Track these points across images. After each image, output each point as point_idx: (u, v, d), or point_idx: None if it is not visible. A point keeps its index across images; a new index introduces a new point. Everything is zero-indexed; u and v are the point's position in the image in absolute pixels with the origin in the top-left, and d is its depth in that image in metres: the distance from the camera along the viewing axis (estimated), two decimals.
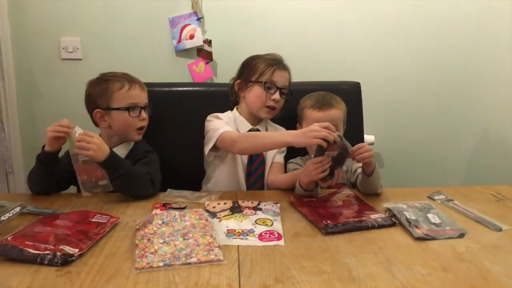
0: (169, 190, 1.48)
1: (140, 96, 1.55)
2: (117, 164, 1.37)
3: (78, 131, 1.34)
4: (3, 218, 1.10)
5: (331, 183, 1.39)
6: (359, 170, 1.50)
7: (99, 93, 1.52)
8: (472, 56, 2.28)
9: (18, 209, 1.14)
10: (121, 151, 1.52)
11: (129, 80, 1.54)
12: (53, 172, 1.41)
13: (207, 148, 1.58)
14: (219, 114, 1.65)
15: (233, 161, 1.63)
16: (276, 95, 1.61)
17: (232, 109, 1.73)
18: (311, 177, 1.37)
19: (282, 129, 1.70)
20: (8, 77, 2.10)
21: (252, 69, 1.65)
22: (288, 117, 1.69)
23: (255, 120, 1.68)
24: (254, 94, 1.63)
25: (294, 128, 1.63)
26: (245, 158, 1.64)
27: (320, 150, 1.33)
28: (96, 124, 1.57)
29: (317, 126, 1.31)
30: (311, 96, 1.64)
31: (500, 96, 2.19)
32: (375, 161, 1.43)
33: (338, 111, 1.57)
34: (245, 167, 1.64)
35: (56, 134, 1.35)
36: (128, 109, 1.51)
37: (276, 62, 1.64)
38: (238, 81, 1.69)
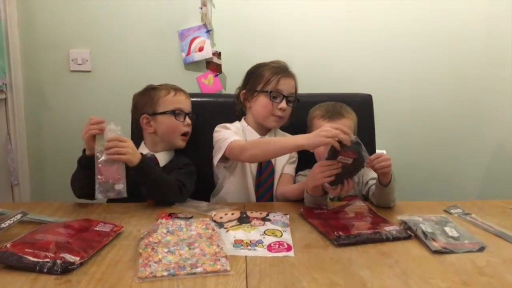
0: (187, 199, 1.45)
1: (186, 103, 1.61)
2: (149, 169, 1.39)
3: (112, 127, 1.33)
4: (3, 225, 1.06)
5: (340, 192, 1.33)
6: (371, 182, 1.45)
7: (146, 101, 1.58)
8: (487, 72, 2.26)
9: (19, 216, 1.11)
10: (163, 157, 1.56)
11: (175, 88, 1.61)
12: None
13: (216, 159, 1.55)
14: (228, 125, 1.62)
15: (242, 172, 1.59)
16: (283, 104, 1.57)
17: (239, 120, 1.70)
18: (316, 180, 1.31)
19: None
20: (16, 89, 2.11)
21: (257, 78, 1.62)
22: (298, 128, 1.64)
23: (263, 129, 1.65)
24: (260, 104, 1.60)
25: None
26: (254, 168, 1.60)
27: (333, 153, 1.26)
28: (141, 134, 1.61)
29: (329, 127, 1.26)
30: (320, 106, 1.61)
31: None
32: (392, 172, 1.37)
33: (349, 121, 1.53)
34: (254, 178, 1.60)
35: (90, 133, 1.32)
36: (174, 112, 1.55)
37: (281, 70, 1.61)
38: (243, 91, 1.66)
